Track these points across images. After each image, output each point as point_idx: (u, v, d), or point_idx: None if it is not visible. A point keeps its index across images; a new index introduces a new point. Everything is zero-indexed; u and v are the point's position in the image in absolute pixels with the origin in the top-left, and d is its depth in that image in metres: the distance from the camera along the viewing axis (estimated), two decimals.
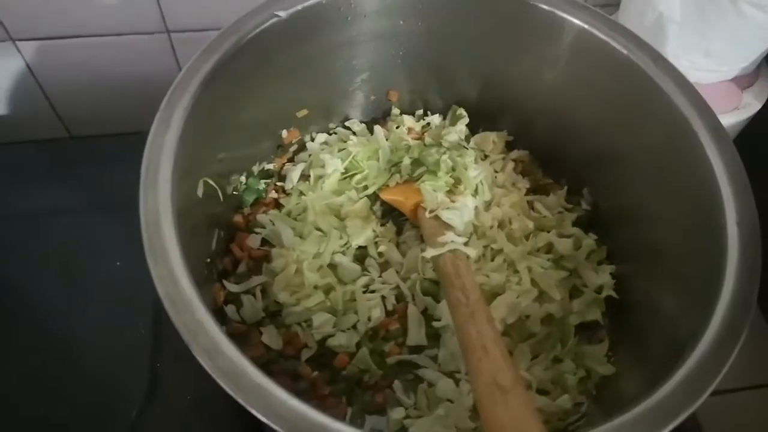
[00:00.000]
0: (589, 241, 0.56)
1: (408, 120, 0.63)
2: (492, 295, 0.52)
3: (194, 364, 0.52)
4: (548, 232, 0.56)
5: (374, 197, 0.58)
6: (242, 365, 0.33)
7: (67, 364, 0.55)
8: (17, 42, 0.68)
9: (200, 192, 0.47)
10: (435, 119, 0.64)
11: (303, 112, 0.59)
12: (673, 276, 0.49)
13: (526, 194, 0.60)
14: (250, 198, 0.57)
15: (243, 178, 0.57)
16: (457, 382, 0.50)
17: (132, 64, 0.72)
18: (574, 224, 0.58)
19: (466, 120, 0.62)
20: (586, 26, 0.51)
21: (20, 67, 0.71)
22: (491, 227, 0.54)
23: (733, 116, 0.64)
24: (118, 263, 0.60)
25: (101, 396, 0.54)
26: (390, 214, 0.58)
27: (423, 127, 0.64)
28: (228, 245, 0.55)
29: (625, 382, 0.50)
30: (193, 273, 0.37)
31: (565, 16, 0.51)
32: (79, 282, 0.59)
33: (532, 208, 0.58)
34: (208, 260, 0.50)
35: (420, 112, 0.65)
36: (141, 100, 0.75)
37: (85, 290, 0.59)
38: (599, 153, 0.57)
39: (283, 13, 0.48)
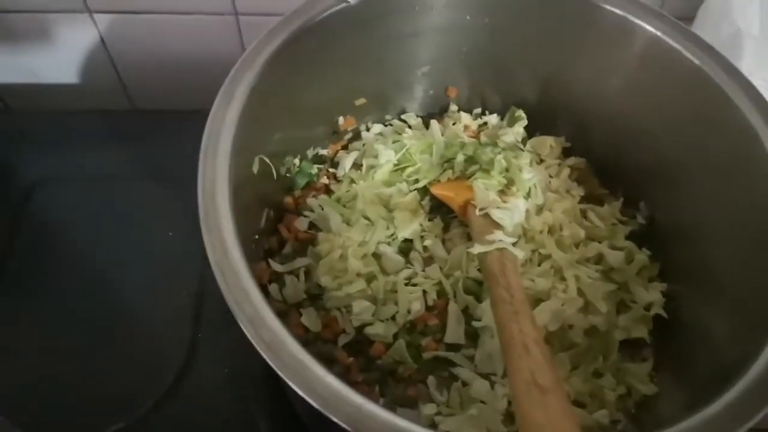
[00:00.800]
0: (642, 256, 0.54)
1: (465, 117, 0.62)
2: (536, 300, 0.51)
3: (231, 337, 0.54)
4: (600, 242, 0.55)
5: (424, 192, 0.57)
6: (284, 338, 0.33)
7: (113, 327, 0.57)
8: (94, 14, 0.71)
9: (255, 168, 0.47)
10: (492, 119, 0.63)
11: (361, 101, 0.59)
12: (729, 300, 0.47)
13: (580, 202, 0.58)
14: (302, 181, 0.58)
15: (296, 161, 0.57)
16: (492, 384, 0.49)
17: (199, 42, 0.75)
18: (628, 238, 0.56)
19: (525, 122, 0.61)
20: (658, 33, 0.50)
21: (94, 38, 0.74)
22: (541, 232, 0.53)
23: None
24: (170, 233, 0.62)
25: (143, 360, 0.55)
26: (438, 210, 0.57)
27: (480, 125, 0.63)
28: (275, 225, 0.56)
29: (667, 405, 0.48)
30: (243, 246, 0.37)
31: (636, 21, 0.50)
32: (132, 247, 0.61)
33: (585, 217, 0.57)
34: (256, 237, 0.50)
35: (478, 110, 0.64)
36: (203, 79, 0.77)
37: (136, 256, 0.61)
38: (660, 165, 0.55)
39: (352, 0, 0.49)
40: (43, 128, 0.72)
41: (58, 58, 0.76)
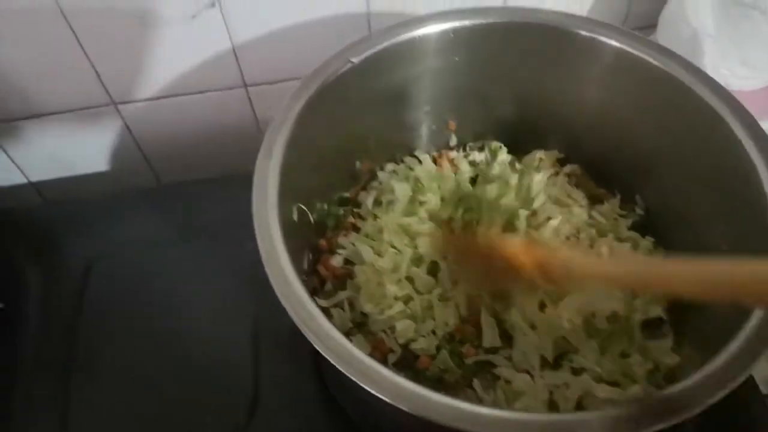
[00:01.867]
0: (646, 242, 0.60)
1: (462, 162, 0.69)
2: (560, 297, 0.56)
3: (289, 368, 0.59)
4: (606, 236, 0.61)
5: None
6: (322, 321, 0.40)
7: (182, 371, 0.61)
8: (118, 105, 0.78)
9: (295, 216, 0.54)
10: (478, 156, 0.70)
11: (374, 144, 0.66)
12: None
13: None
14: (331, 223, 0.64)
15: (324, 205, 0.63)
16: (532, 377, 0.54)
17: (214, 117, 0.81)
18: (630, 229, 0.62)
19: (504, 151, 0.68)
20: (623, 47, 0.57)
21: (120, 127, 0.80)
22: (567, 238, 0.60)
23: None
24: (207, 282, 0.67)
25: (210, 404, 0.60)
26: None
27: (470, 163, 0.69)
28: (314, 267, 0.62)
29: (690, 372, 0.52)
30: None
31: (603, 39, 0.57)
32: (181, 299, 0.66)
33: (590, 217, 0.63)
34: (304, 278, 0.56)
35: (472, 144, 0.71)
36: (222, 148, 0.84)
37: (184, 305, 0.66)
38: (644, 160, 0.61)
39: (356, 60, 0.56)
40: (84, 213, 0.77)
41: (89, 150, 0.83)
